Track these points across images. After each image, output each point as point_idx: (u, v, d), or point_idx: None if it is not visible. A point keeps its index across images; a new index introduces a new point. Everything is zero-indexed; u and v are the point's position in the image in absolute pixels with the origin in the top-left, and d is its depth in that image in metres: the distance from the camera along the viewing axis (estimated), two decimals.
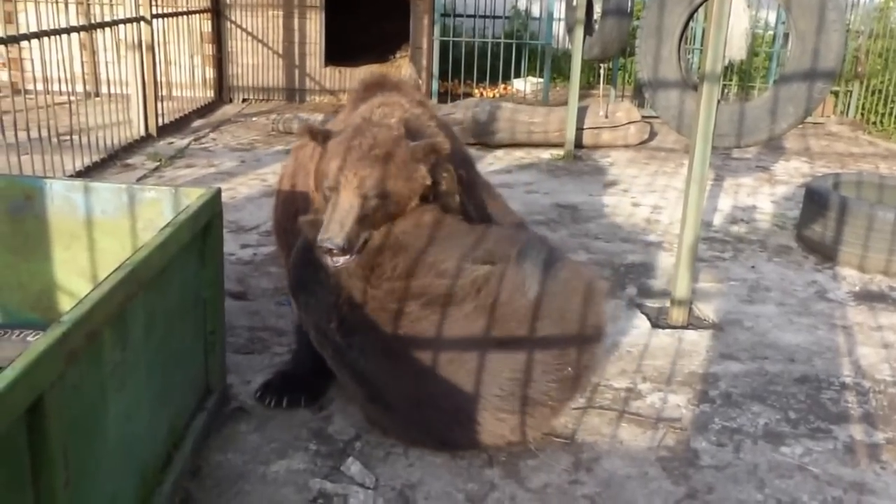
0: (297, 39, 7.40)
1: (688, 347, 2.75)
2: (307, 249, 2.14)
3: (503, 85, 8.45)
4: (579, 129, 5.89)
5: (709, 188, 4.88)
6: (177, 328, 1.84)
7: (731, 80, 8.01)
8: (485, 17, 8.49)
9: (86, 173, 4.57)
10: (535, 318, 1.99)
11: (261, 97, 7.51)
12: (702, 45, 5.15)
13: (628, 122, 6.13)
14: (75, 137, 4.64)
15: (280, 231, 2.72)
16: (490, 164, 5.55)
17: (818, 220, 3.73)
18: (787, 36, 7.06)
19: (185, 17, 6.70)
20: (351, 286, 2.04)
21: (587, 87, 8.25)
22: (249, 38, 7.33)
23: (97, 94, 6.40)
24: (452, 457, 2.03)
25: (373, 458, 2.02)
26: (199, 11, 6.97)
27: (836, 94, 7.67)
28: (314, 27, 7.35)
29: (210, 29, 7.15)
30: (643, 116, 6.36)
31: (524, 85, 8.40)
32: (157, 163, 5.01)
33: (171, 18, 6.40)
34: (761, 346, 2.80)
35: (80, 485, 1.31)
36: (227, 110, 7.08)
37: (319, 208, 2.23)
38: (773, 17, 8.05)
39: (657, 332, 2.86)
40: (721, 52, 2.68)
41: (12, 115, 4.03)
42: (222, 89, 7.41)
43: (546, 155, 5.84)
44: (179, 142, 5.69)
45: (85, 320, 1.28)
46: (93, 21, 5.32)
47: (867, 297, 3.29)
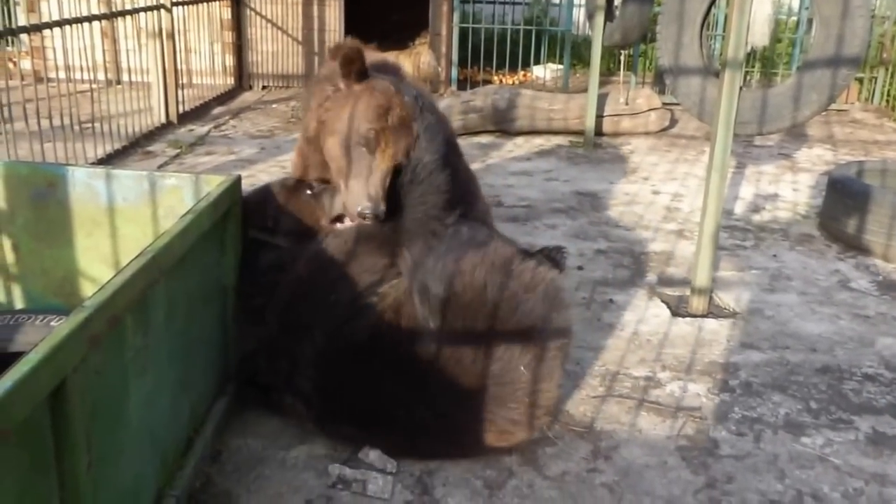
0: (316, 27, 7.39)
1: (708, 336, 2.73)
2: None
3: (523, 72, 8.38)
4: (599, 117, 5.83)
5: (730, 176, 4.81)
6: (197, 314, 1.86)
7: (753, 67, 7.87)
8: (504, 3, 8.41)
9: (107, 161, 4.62)
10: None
11: (280, 84, 7.53)
12: (724, 32, 5.05)
13: (649, 109, 6.05)
14: (97, 125, 4.69)
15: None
16: (509, 151, 5.52)
17: (841, 208, 3.66)
18: (810, 21, 6.91)
19: (204, 4, 6.71)
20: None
21: (607, 73, 8.16)
22: (269, 25, 7.34)
23: (118, 82, 6.46)
24: None
25: None
26: None
27: (860, 81, 7.51)
28: (333, 14, 7.34)
29: (230, 16, 7.16)
30: (664, 103, 6.27)
31: (544, 72, 8.32)
32: (178, 150, 5.05)
33: (191, 6, 6.43)
34: (782, 335, 2.77)
35: (103, 468, 1.33)
36: (246, 97, 7.11)
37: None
38: (796, 3, 7.88)
39: (677, 321, 2.84)
40: (743, 38, 2.63)
41: (35, 104, 4.09)
42: (242, 77, 7.43)
43: (566, 142, 5.79)
44: (200, 129, 5.73)
45: (107, 306, 1.29)
46: (114, 9, 5.34)
47: (891, 287, 3.23)
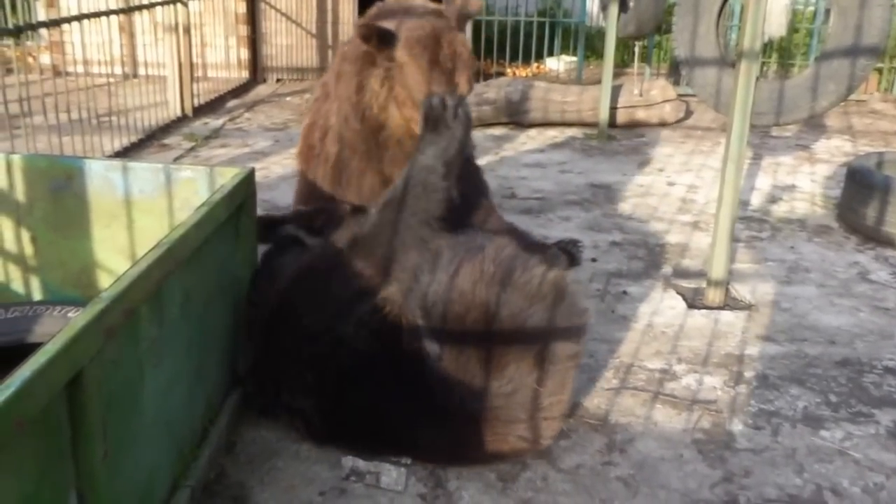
0: (329, 20, 7.40)
1: (724, 328, 2.70)
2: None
3: (536, 64, 8.32)
4: (613, 108, 5.78)
5: (746, 167, 4.75)
6: (212, 306, 1.86)
7: (770, 57, 7.76)
8: None
9: (124, 153, 4.66)
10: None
11: (294, 77, 7.54)
12: (740, 22, 4.99)
13: (663, 101, 5.99)
14: (114, 118, 4.74)
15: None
16: (523, 143, 5.49)
17: (860, 199, 3.61)
18: (828, 12, 6.80)
19: None
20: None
21: (621, 65, 8.08)
22: (283, 18, 7.35)
23: (135, 76, 6.52)
24: None
25: None
26: None
27: (879, 71, 7.39)
28: (347, 7, 7.34)
29: (245, 10, 7.19)
30: (679, 94, 6.21)
31: (557, 64, 8.26)
32: (193, 143, 5.09)
33: (206, 0, 6.45)
34: (800, 327, 2.73)
35: (119, 458, 1.34)
36: (260, 90, 7.14)
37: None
38: None
39: (693, 313, 2.81)
40: (760, 28, 2.60)
41: (54, 98, 4.13)
42: (256, 70, 7.46)
43: (579, 134, 5.75)
44: (214, 122, 5.76)
45: (123, 297, 1.30)
46: (131, 4, 5.39)
47: None
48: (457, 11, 2.41)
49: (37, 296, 2.31)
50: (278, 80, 7.52)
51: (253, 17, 7.30)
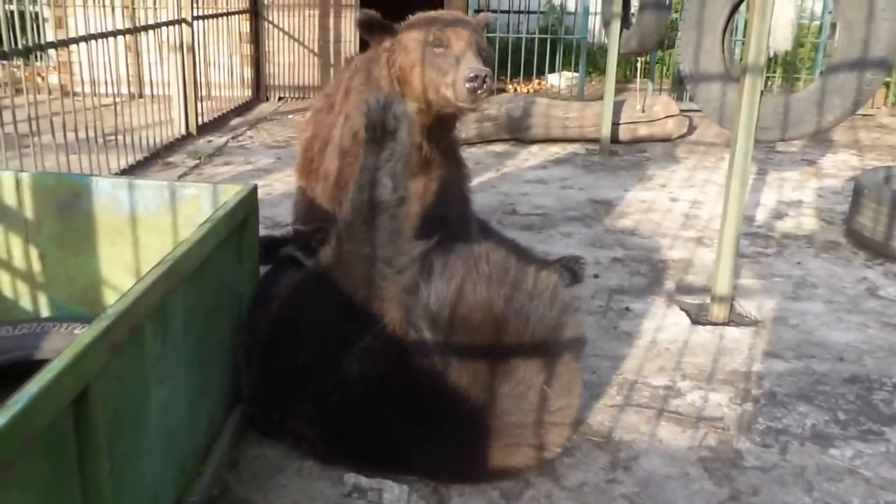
0: (332, 38, 7.47)
1: (729, 345, 2.69)
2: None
3: (537, 80, 8.38)
4: (615, 124, 5.80)
5: (751, 182, 4.75)
6: (215, 323, 1.87)
7: (774, 72, 7.79)
8: (519, 12, 8.43)
9: (130, 171, 4.70)
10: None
11: (297, 95, 7.61)
12: (744, 37, 5.00)
13: (666, 116, 6.01)
14: (120, 137, 4.78)
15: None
16: (524, 159, 5.51)
17: (868, 214, 3.60)
18: (834, 25, 6.83)
19: (224, 18, 6.83)
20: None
21: (623, 81, 8.13)
22: (286, 37, 7.43)
23: (141, 96, 6.58)
24: None
25: None
26: (238, 13, 7.10)
27: (886, 85, 7.41)
28: (349, 26, 7.41)
29: (248, 29, 7.28)
30: (681, 110, 6.23)
31: (559, 80, 8.31)
32: (197, 161, 5.13)
33: (211, 20, 6.54)
34: (808, 344, 2.71)
35: (124, 474, 1.34)
36: (263, 108, 7.20)
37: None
38: (819, 7, 7.81)
39: (697, 329, 2.80)
40: (764, 42, 2.61)
41: (61, 117, 4.18)
42: (259, 88, 7.53)
43: (581, 150, 5.77)
44: (218, 140, 5.80)
45: (128, 314, 1.31)
46: (138, 24, 5.46)
47: None
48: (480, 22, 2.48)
49: (44, 312, 2.32)
50: (281, 99, 7.59)
51: (256, 36, 7.39)
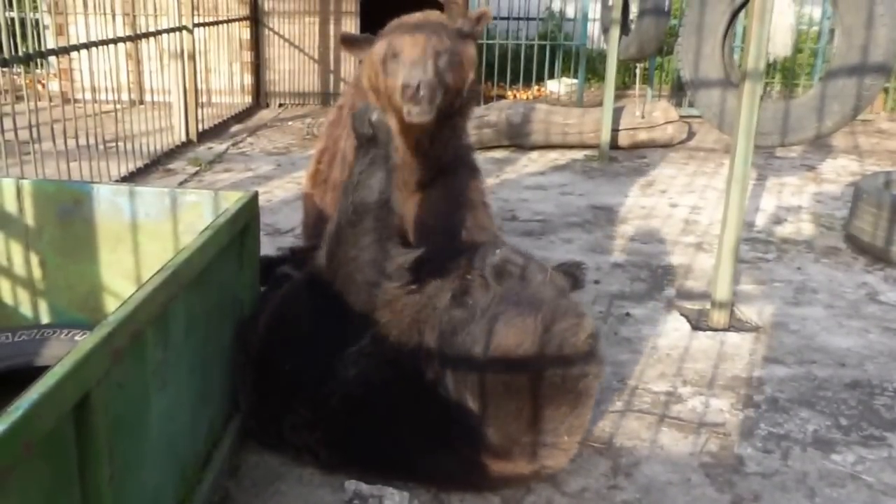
0: (332, 45, 7.50)
1: (730, 350, 2.69)
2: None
3: (537, 87, 8.41)
4: (615, 130, 5.82)
5: (751, 188, 4.76)
6: (216, 329, 1.87)
7: (774, 78, 7.82)
8: (519, 19, 8.46)
9: (130, 178, 4.71)
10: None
11: (297, 102, 7.63)
12: (743, 42, 5.02)
13: (665, 122, 6.03)
14: (120, 144, 4.79)
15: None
16: (524, 166, 5.52)
17: (868, 220, 3.61)
18: (832, 31, 6.87)
19: (224, 25, 6.86)
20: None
21: (622, 87, 8.16)
22: (286, 44, 7.46)
23: (141, 102, 6.60)
24: None
25: None
26: (238, 20, 7.14)
27: (886, 91, 7.45)
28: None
29: (248, 36, 7.31)
30: (681, 116, 6.25)
31: (558, 86, 8.34)
32: (198, 167, 5.14)
33: (211, 27, 6.57)
34: (809, 349, 2.71)
35: (125, 480, 1.34)
36: (263, 115, 7.22)
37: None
38: (818, 13, 7.84)
39: (697, 335, 2.80)
40: (764, 48, 2.62)
41: (62, 124, 4.19)
42: (259, 95, 7.56)
43: (581, 156, 5.79)
44: (218, 147, 5.82)
45: (129, 320, 1.31)
46: (138, 31, 5.48)
47: None
48: (470, 24, 2.35)
49: (45, 319, 2.32)
50: (281, 105, 7.61)
51: (256, 43, 7.42)
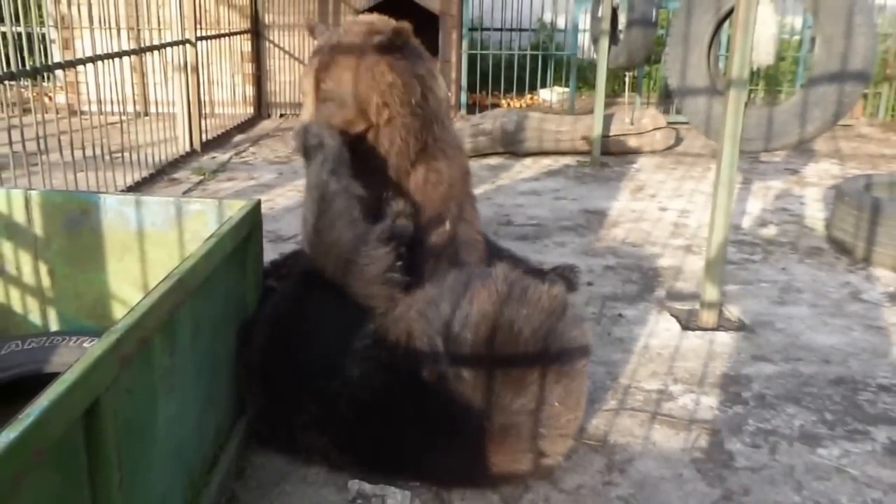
0: None
1: (719, 349, 2.75)
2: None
3: (530, 95, 8.51)
4: (606, 137, 5.91)
5: (737, 191, 4.84)
6: (221, 335, 1.90)
7: (757, 85, 7.94)
8: (511, 30, 8.57)
9: (136, 188, 4.76)
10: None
11: (297, 112, 7.69)
12: (727, 51, 5.11)
13: (654, 129, 6.13)
14: (126, 155, 4.85)
15: None
16: (518, 172, 5.59)
17: (850, 221, 3.69)
18: (814, 40, 6.99)
19: (226, 38, 6.94)
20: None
21: (612, 95, 8.26)
22: (287, 56, 7.55)
23: (146, 114, 6.66)
24: None
25: None
26: (239, 33, 7.23)
27: (865, 97, 7.58)
28: None
29: (249, 49, 7.40)
30: (669, 122, 6.35)
31: (550, 95, 8.44)
32: (201, 177, 5.20)
33: (213, 40, 6.65)
34: (794, 347, 2.78)
35: (133, 484, 1.35)
36: (265, 125, 7.29)
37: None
38: (799, 23, 7.98)
39: (687, 335, 2.86)
40: (748, 56, 2.69)
41: (69, 136, 4.24)
42: (261, 106, 7.63)
43: (573, 162, 5.86)
44: (221, 156, 5.88)
45: (136, 327, 1.32)
46: (143, 45, 5.55)
47: None
48: (387, 35, 2.23)
49: (53, 327, 2.33)
50: (282, 116, 7.68)
51: (258, 55, 7.50)
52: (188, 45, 5.74)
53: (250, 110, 7.50)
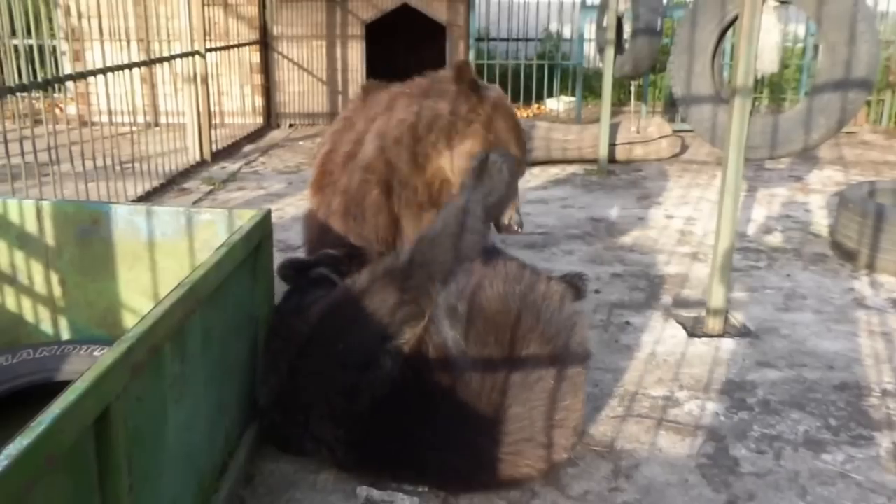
0: (339, 67, 7.67)
1: (724, 356, 2.76)
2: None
3: (537, 105, 8.55)
4: (612, 145, 5.93)
5: (742, 199, 4.85)
6: (231, 343, 1.91)
7: (762, 93, 7.95)
8: (518, 40, 8.63)
9: (146, 198, 4.80)
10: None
11: (306, 122, 7.79)
12: (733, 60, 5.12)
13: (660, 137, 6.15)
14: (137, 165, 4.91)
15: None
16: (526, 180, 5.61)
17: (854, 227, 3.69)
18: (817, 48, 7.00)
19: (236, 50, 7.03)
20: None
21: (618, 104, 8.29)
22: (295, 67, 7.63)
23: (156, 125, 6.74)
24: None
25: None
26: (249, 44, 7.32)
27: (868, 104, 7.57)
28: (356, 55, 7.62)
29: (259, 60, 7.49)
30: (674, 130, 6.37)
31: (557, 104, 8.47)
32: (212, 186, 5.25)
33: (223, 52, 6.74)
34: (799, 353, 2.79)
35: (143, 491, 1.36)
36: (274, 135, 7.35)
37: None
38: (802, 31, 8.00)
39: (693, 341, 2.87)
40: (752, 65, 2.71)
41: (80, 146, 4.30)
42: (270, 116, 7.72)
43: (580, 171, 5.89)
44: (231, 166, 5.94)
45: (147, 336, 1.33)
46: (153, 56, 5.63)
47: None
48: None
49: (65, 335, 2.35)
50: (291, 126, 7.76)
51: (267, 66, 7.59)
52: (198, 57, 5.81)
53: (259, 120, 7.58)
